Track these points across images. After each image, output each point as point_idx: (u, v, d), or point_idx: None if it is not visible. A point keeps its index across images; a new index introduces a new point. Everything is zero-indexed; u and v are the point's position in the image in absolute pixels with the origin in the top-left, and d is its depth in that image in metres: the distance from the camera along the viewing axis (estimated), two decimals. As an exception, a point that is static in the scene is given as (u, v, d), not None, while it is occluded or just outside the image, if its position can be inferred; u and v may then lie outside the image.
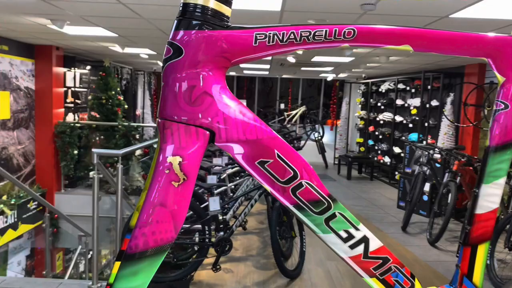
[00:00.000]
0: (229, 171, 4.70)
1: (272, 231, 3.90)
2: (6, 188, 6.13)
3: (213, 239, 3.87)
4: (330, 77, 11.27)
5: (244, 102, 7.61)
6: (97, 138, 7.45)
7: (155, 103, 11.29)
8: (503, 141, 0.83)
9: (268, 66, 9.17)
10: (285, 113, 12.36)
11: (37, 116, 6.78)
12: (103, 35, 5.38)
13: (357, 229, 0.78)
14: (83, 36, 5.54)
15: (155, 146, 5.67)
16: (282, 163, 0.73)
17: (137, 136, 7.04)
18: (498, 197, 0.86)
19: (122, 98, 7.65)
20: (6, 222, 5.92)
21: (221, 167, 4.71)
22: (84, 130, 7.30)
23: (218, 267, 3.85)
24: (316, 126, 11.57)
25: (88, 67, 7.93)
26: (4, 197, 5.96)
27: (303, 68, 9.21)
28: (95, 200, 3.87)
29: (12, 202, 5.96)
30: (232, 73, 11.94)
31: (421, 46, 0.79)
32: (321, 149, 11.05)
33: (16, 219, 6.12)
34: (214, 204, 3.89)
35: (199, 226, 3.89)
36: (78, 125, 7.16)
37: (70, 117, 7.42)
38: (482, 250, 0.85)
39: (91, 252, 5.93)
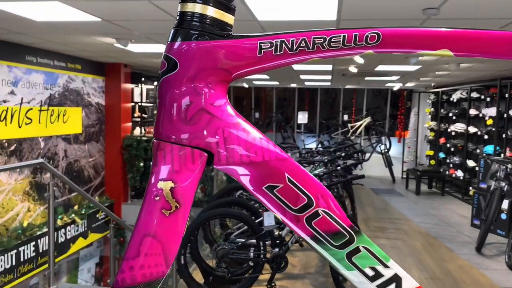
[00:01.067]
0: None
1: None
2: (78, 199, 6.50)
3: (268, 255, 3.78)
4: (396, 86, 10.81)
5: (306, 114, 7.51)
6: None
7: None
8: None
9: (329, 77, 8.98)
10: (349, 125, 12.02)
11: (107, 130, 7.16)
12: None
13: (386, 266, 0.66)
14: (146, 53, 5.78)
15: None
16: (294, 189, 0.64)
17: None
18: None
19: (185, 112, 7.86)
20: (77, 230, 6.26)
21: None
22: (150, 143, 7.58)
23: (273, 284, 3.75)
24: (382, 138, 11.11)
25: (155, 83, 8.27)
26: (76, 207, 6.32)
27: (367, 78, 8.91)
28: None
29: (83, 212, 6.30)
30: (293, 85, 11.86)
31: (464, 49, 0.66)
32: (388, 162, 10.58)
33: (86, 228, 6.45)
34: (269, 219, 3.80)
35: (254, 241, 3.84)
36: (144, 138, 7.45)
37: (137, 131, 7.76)
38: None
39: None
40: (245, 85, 11.28)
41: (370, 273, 0.66)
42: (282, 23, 3.76)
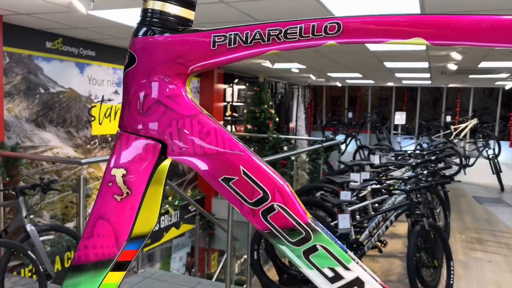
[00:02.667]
0: (372, 187, 4.45)
1: (409, 257, 3.52)
2: (172, 191, 6.98)
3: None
4: (508, 85, 9.74)
5: (404, 115, 7.11)
6: (252, 149, 7.92)
7: (309, 116, 11.46)
8: None
9: (428, 75, 8.41)
10: (452, 127, 11.11)
11: (200, 128, 7.58)
12: (252, 52, 5.71)
13: (346, 268, 0.63)
14: (235, 54, 5.98)
15: (292, 158, 5.74)
16: (250, 182, 0.63)
17: (285, 148, 7.24)
18: None
19: (273, 112, 7.99)
20: (170, 220, 6.73)
21: (358, 183, 4.48)
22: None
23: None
24: (491, 141, 10.08)
25: (247, 84, 8.53)
26: (170, 198, 6.79)
27: (471, 76, 8.16)
28: (230, 209, 4.11)
29: (176, 203, 6.75)
30: (390, 84, 11.33)
31: (440, 36, 0.60)
32: (496, 169, 9.57)
33: (178, 219, 6.91)
34: (343, 221, 3.71)
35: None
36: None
37: (228, 129, 8.08)
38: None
39: (244, 257, 6.30)
40: (338, 84, 11.07)
41: (329, 274, 0.63)
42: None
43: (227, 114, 8.04)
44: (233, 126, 8.22)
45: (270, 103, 8.09)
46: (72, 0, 3.27)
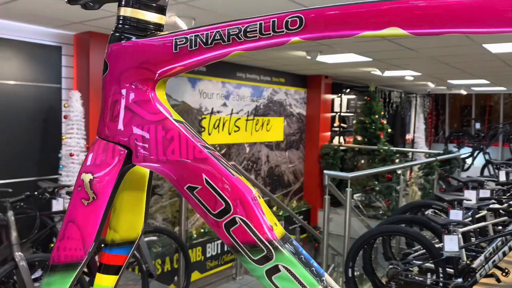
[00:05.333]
0: (489, 206, 3.93)
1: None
2: (278, 200, 7.05)
3: (449, 286, 3.31)
4: None
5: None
6: (361, 161, 7.63)
7: (430, 127, 10.62)
8: None
9: None
10: None
11: (307, 139, 7.55)
12: (357, 61, 5.52)
13: (312, 295, 0.55)
14: (340, 64, 5.85)
15: (398, 171, 5.33)
16: (212, 192, 0.59)
17: (397, 161, 6.80)
18: None
19: (385, 122, 7.58)
20: (275, 230, 6.78)
21: (474, 202, 3.98)
22: (348, 153, 7.61)
23: (452, 319, 3.26)
24: None
25: (356, 94, 8.26)
26: (274, 208, 6.86)
27: None
28: (325, 219, 4.00)
29: (280, 213, 6.79)
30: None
31: (419, 24, 0.50)
32: None
33: (283, 229, 6.93)
34: (450, 243, 3.33)
35: (432, 265, 3.43)
36: (342, 148, 7.53)
37: (336, 140, 7.90)
38: None
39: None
40: (463, 92, 10.06)
41: (293, 299, 0.56)
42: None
43: (335, 124, 7.87)
44: (341, 137, 8.01)
45: (382, 113, 7.70)
46: (176, 20, 3.54)
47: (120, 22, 0.64)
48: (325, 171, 3.73)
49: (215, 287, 4.80)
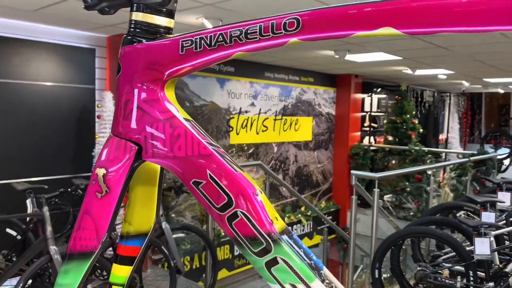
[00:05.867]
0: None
1: None
2: (307, 200, 7.03)
3: (481, 289, 3.22)
4: None
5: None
6: (392, 161, 7.50)
7: (465, 127, 10.31)
8: None
9: None
10: None
11: (336, 139, 7.49)
12: (387, 59, 5.44)
13: (308, 286, 0.57)
14: (369, 63, 5.77)
15: (429, 172, 5.21)
16: (216, 186, 0.62)
17: (428, 161, 6.64)
18: None
19: (417, 122, 7.42)
20: (303, 230, 6.78)
21: (507, 204, 3.85)
22: (378, 153, 7.50)
23: (483, 324, 3.17)
24: None
25: (387, 93, 8.13)
26: (302, 208, 6.85)
27: None
28: (352, 220, 3.97)
29: (309, 213, 6.78)
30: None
31: (413, 23, 0.51)
32: None
33: (311, 229, 6.92)
34: (481, 246, 3.24)
35: (462, 268, 3.35)
36: (373, 148, 7.42)
37: (366, 140, 7.80)
38: None
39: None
40: (500, 91, 9.70)
41: (291, 290, 0.59)
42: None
43: (365, 124, 7.77)
44: (371, 137, 7.90)
45: (414, 112, 7.54)
46: (204, 22, 3.61)
47: (132, 26, 0.68)
48: (352, 171, 3.71)
49: (242, 285, 4.85)
